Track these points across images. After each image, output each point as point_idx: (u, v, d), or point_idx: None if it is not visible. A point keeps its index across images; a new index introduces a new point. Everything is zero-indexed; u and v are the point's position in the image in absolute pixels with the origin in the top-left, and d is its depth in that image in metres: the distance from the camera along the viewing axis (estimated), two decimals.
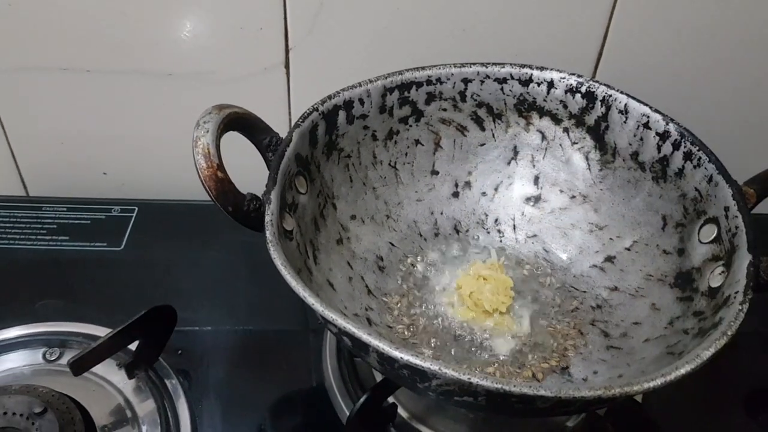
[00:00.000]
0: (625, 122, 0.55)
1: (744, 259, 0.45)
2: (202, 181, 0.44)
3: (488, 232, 0.61)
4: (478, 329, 0.54)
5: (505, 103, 0.59)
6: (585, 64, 0.66)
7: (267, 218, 0.45)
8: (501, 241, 0.61)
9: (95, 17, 0.62)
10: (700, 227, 0.51)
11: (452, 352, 0.53)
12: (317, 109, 0.52)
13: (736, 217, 0.47)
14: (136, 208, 0.69)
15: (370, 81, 0.55)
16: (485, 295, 0.55)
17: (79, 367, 0.50)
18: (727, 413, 0.56)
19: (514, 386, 0.37)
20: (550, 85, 0.57)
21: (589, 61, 0.66)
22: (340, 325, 0.39)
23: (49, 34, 0.63)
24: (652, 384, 0.38)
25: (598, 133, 0.57)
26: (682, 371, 0.38)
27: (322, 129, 0.53)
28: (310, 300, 0.40)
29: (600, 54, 0.65)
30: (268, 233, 0.44)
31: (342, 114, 0.54)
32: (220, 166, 0.44)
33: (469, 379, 0.37)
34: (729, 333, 0.41)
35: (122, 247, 0.66)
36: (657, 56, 0.65)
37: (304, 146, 0.52)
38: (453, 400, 0.41)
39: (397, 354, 0.38)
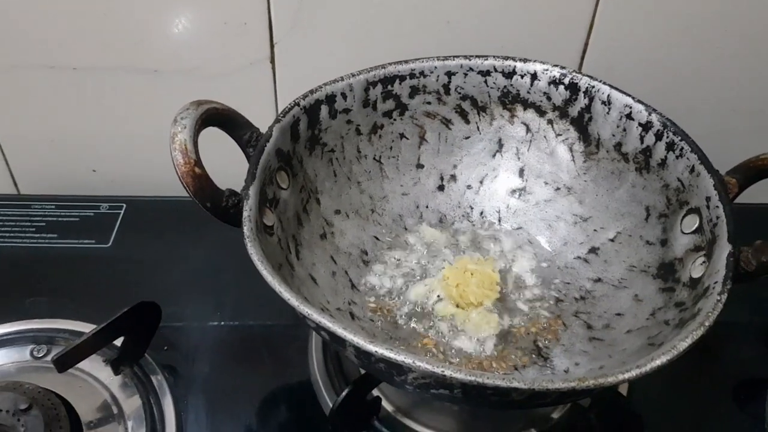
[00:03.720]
0: (608, 113, 0.55)
1: (724, 250, 0.45)
2: (179, 177, 0.44)
3: (473, 225, 0.61)
4: (462, 321, 0.54)
5: (489, 96, 0.59)
6: (571, 56, 0.66)
7: (245, 214, 0.45)
8: (486, 233, 0.61)
9: (80, 15, 0.62)
10: (683, 218, 0.51)
11: (438, 344, 0.53)
12: (298, 104, 0.52)
13: (717, 207, 0.47)
14: (125, 205, 0.70)
15: (353, 75, 0.55)
16: (471, 288, 0.55)
17: (64, 363, 0.50)
18: (712, 404, 0.56)
19: (488, 378, 0.37)
20: (534, 77, 0.57)
21: (574, 52, 0.66)
22: (316, 319, 0.39)
23: (35, 32, 0.63)
24: (626, 375, 0.38)
25: (581, 124, 0.57)
26: (658, 362, 0.38)
27: (304, 124, 0.53)
28: (286, 295, 0.40)
29: (586, 45, 0.65)
30: (245, 229, 0.44)
31: (324, 108, 0.54)
32: (198, 162, 0.44)
33: (443, 371, 0.37)
34: (707, 324, 0.41)
35: (110, 244, 0.66)
36: (642, 47, 0.65)
37: (286, 141, 0.52)
38: (430, 392, 0.41)
39: (371, 348, 0.38)
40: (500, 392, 0.38)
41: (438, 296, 0.55)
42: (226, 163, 0.50)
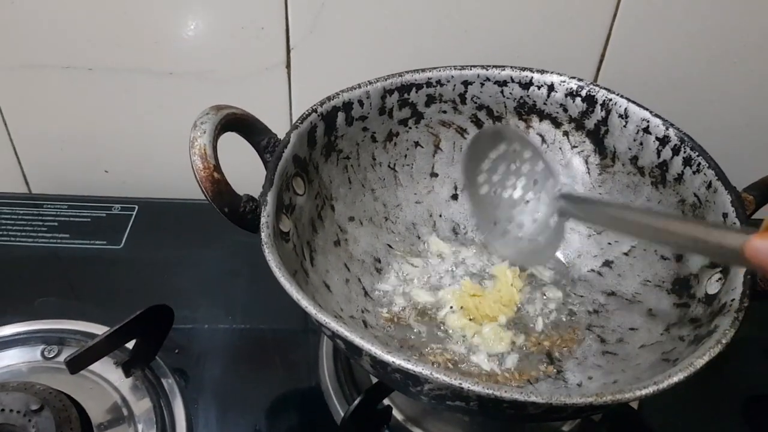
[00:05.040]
0: (624, 126, 0.55)
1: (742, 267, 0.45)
2: (198, 182, 0.44)
3: None
4: (474, 334, 0.54)
5: (505, 106, 0.59)
6: (587, 68, 0.66)
7: (262, 220, 0.45)
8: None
9: (97, 16, 0.62)
10: None
11: (449, 353, 0.53)
12: (316, 111, 0.53)
13: (734, 223, 0.47)
14: (137, 207, 0.70)
15: (370, 83, 0.55)
16: (487, 302, 0.55)
17: (76, 365, 0.50)
18: (723, 420, 0.56)
19: (505, 392, 0.37)
20: (551, 88, 0.57)
21: (591, 64, 0.66)
22: (333, 328, 0.39)
23: (51, 32, 0.64)
24: (644, 392, 0.38)
25: (597, 137, 0.57)
26: (675, 379, 0.38)
27: (320, 130, 0.53)
28: (304, 303, 0.40)
29: (602, 58, 0.65)
30: (263, 235, 0.44)
31: (341, 115, 0.54)
32: (217, 167, 0.44)
33: (460, 384, 0.37)
34: (724, 341, 0.41)
35: (122, 245, 0.66)
36: (659, 61, 0.65)
37: (303, 147, 0.52)
38: (445, 404, 0.41)
39: (389, 358, 0.38)
40: (517, 406, 0.38)
41: (451, 307, 0.55)
42: (239, 168, 0.50)
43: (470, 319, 0.54)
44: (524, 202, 0.55)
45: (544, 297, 0.57)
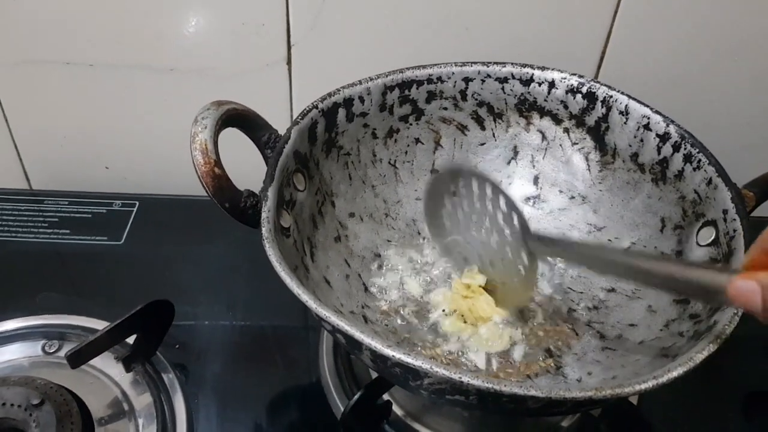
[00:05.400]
0: (625, 123, 0.55)
1: (741, 263, 0.45)
2: (199, 177, 0.44)
3: None
4: (471, 334, 0.54)
5: (506, 103, 0.59)
6: (588, 65, 0.66)
7: (263, 215, 0.45)
8: None
9: (98, 12, 0.63)
10: (699, 230, 0.51)
11: (447, 350, 0.53)
12: (317, 107, 0.53)
13: (735, 220, 0.47)
14: (137, 203, 0.70)
15: (371, 79, 0.55)
16: (480, 304, 0.55)
17: (77, 359, 0.50)
18: (722, 416, 0.56)
19: (505, 386, 0.37)
20: (551, 85, 0.57)
21: (592, 61, 0.66)
22: (333, 322, 0.39)
23: (52, 28, 0.64)
24: (643, 386, 0.38)
25: (598, 133, 0.57)
26: (674, 374, 0.38)
27: (321, 126, 0.53)
28: (304, 297, 0.41)
29: (603, 54, 0.65)
30: (264, 230, 0.44)
31: (342, 112, 0.54)
32: (218, 163, 0.44)
33: (460, 378, 0.37)
34: (723, 337, 0.41)
35: (122, 241, 0.66)
36: (660, 58, 0.65)
37: (303, 143, 0.52)
38: (445, 398, 0.41)
39: (389, 352, 0.38)
40: (516, 400, 0.38)
41: (443, 310, 0.55)
42: (240, 164, 0.50)
43: (464, 322, 0.54)
44: (492, 239, 0.54)
45: (543, 294, 0.57)
